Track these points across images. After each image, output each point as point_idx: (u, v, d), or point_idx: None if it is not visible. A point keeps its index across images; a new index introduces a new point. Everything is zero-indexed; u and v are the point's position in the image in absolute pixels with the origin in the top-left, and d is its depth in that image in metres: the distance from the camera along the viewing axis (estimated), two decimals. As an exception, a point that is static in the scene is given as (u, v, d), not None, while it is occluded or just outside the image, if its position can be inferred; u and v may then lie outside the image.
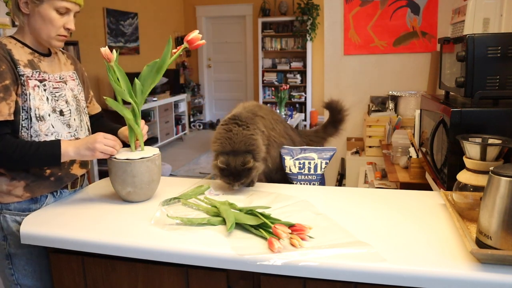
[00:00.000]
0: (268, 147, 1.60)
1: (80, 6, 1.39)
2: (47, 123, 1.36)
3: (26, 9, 1.33)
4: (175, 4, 8.03)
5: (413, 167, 2.17)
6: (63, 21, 1.35)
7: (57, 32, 1.36)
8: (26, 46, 1.38)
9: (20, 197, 1.35)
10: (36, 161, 1.32)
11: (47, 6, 1.32)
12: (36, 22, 1.34)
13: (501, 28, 2.03)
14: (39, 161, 1.32)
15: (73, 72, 1.52)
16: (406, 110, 3.28)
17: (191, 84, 8.23)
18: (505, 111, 1.36)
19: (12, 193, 1.34)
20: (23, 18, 1.35)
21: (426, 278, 0.95)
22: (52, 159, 1.32)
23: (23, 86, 1.31)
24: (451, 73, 1.64)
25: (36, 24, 1.34)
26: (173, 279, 1.16)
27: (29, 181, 1.36)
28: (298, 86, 7.77)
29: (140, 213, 1.32)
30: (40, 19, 1.33)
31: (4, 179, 1.34)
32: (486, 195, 0.99)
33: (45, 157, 1.31)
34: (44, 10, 1.32)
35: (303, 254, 1.03)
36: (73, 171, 1.47)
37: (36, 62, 1.37)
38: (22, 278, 1.38)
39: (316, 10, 7.15)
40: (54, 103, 1.39)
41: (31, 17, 1.34)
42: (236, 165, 1.46)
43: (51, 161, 1.34)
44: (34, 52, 1.39)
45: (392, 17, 3.55)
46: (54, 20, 1.33)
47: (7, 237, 1.35)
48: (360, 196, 1.46)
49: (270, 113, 1.70)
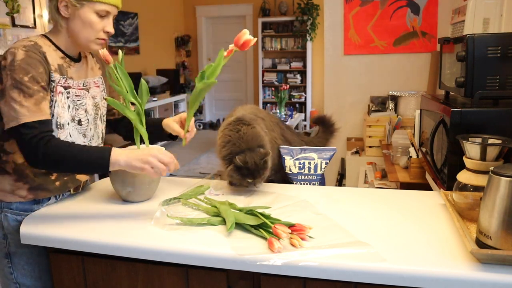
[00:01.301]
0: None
1: (118, 8, 1.38)
2: (66, 131, 1.35)
3: (66, 12, 1.31)
4: (175, 4, 8.02)
5: (413, 167, 2.17)
6: (103, 24, 1.34)
7: (97, 36, 1.34)
8: (59, 49, 1.36)
9: (23, 198, 1.35)
10: (85, 165, 1.26)
11: (88, 9, 1.31)
12: (75, 25, 1.32)
13: (501, 28, 2.03)
14: (88, 166, 1.26)
15: (99, 78, 1.50)
16: (406, 110, 3.28)
17: (191, 84, 8.23)
18: (505, 111, 1.36)
19: (16, 193, 1.34)
20: (62, 21, 1.33)
21: (426, 278, 0.95)
22: (100, 166, 1.25)
23: (52, 92, 1.31)
24: (451, 73, 1.64)
25: (75, 28, 1.33)
26: (173, 279, 1.16)
27: (34, 183, 1.35)
28: (298, 86, 7.77)
29: (140, 213, 1.32)
30: (80, 23, 1.32)
31: (9, 179, 1.34)
32: (486, 195, 0.99)
33: (95, 162, 1.25)
34: (84, 13, 1.31)
35: (303, 254, 1.03)
36: (78, 176, 1.47)
37: (65, 67, 1.36)
38: (21, 277, 1.38)
39: (316, 10, 7.15)
40: (74, 112, 1.38)
41: (70, 20, 1.32)
42: (256, 160, 1.45)
43: (99, 168, 1.26)
44: (66, 57, 1.37)
45: (392, 17, 3.55)
46: (94, 24, 1.32)
47: (7, 235, 1.35)
48: (360, 196, 1.46)
49: (268, 116, 1.72)
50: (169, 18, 7.76)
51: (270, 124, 1.66)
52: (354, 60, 3.70)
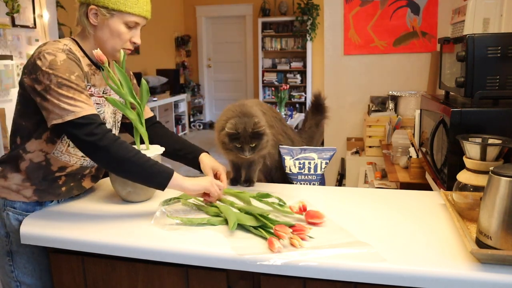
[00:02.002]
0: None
1: (147, 19, 1.38)
2: None
3: (95, 20, 1.31)
4: (175, 4, 8.03)
5: (413, 167, 2.17)
6: (130, 35, 1.34)
7: (123, 46, 1.34)
8: (86, 56, 1.35)
9: (28, 198, 1.35)
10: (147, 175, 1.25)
11: (117, 19, 1.30)
12: (103, 34, 1.32)
13: (501, 28, 2.03)
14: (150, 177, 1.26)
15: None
16: (406, 110, 3.28)
17: (191, 84, 8.23)
18: (505, 111, 1.36)
19: (21, 193, 1.34)
20: (90, 28, 1.33)
21: (426, 278, 0.95)
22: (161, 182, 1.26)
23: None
24: (451, 73, 1.64)
25: (103, 36, 1.32)
26: (173, 279, 1.16)
27: (41, 186, 1.35)
28: (298, 86, 7.78)
29: (140, 213, 1.32)
30: (108, 32, 1.31)
31: (17, 177, 1.34)
32: (486, 195, 0.99)
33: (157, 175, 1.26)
34: (113, 23, 1.30)
35: (303, 254, 1.03)
36: (84, 183, 1.47)
37: (90, 75, 1.35)
38: (22, 276, 1.38)
39: (316, 10, 7.15)
40: None
41: (98, 29, 1.32)
42: (246, 127, 1.43)
43: (158, 183, 1.27)
44: (91, 65, 1.36)
45: (392, 17, 3.55)
46: (122, 34, 1.32)
47: (9, 234, 1.36)
48: (360, 196, 1.46)
49: (270, 110, 1.71)
50: (169, 18, 7.76)
51: (271, 120, 1.65)
52: (354, 60, 3.70)
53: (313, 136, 1.89)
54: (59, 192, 1.40)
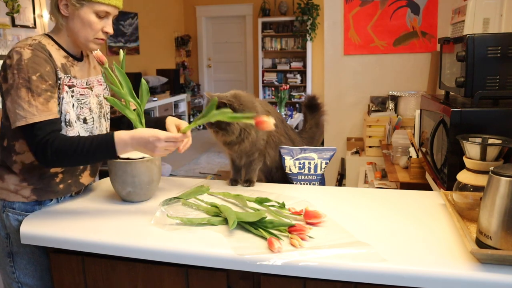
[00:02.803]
0: (266, 144, 1.60)
1: (119, 9, 1.38)
2: (75, 129, 1.35)
3: (66, 11, 1.32)
4: (175, 4, 8.02)
5: (413, 167, 2.17)
6: (102, 25, 1.34)
7: (95, 36, 1.34)
8: (61, 48, 1.36)
9: (26, 198, 1.35)
10: (92, 155, 1.25)
11: (87, 9, 1.31)
12: (75, 24, 1.32)
13: (501, 28, 2.03)
14: (96, 154, 1.25)
15: (101, 76, 1.51)
16: (406, 110, 3.28)
17: (191, 84, 8.23)
18: (505, 111, 1.36)
19: (19, 193, 1.34)
20: (62, 20, 1.33)
21: (426, 278, 0.95)
22: (107, 150, 1.24)
23: (59, 89, 1.31)
24: (451, 73, 1.64)
25: (75, 27, 1.33)
26: (173, 279, 1.16)
27: (38, 185, 1.35)
28: (298, 86, 7.77)
29: (140, 213, 1.32)
30: (79, 22, 1.32)
31: (14, 178, 1.34)
32: (486, 195, 0.99)
33: (101, 149, 1.24)
34: (84, 13, 1.31)
35: (303, 254, 1.03)
36: (83, 179, 1.47)
37: (68, 66, 1.36)
38: (23, 277, 1.38)
39: (316, 10, 7.15)
40: (79, 111, 1.38)
41: (70, 19, 1.33)
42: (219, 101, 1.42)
43: (107, 153, 1.25)
44: (68, 56, 1.37)
45: (392, 17, 3.55)
46: (93, 24, 1.32)
47: (9, 235, 1.36)
48: (360, 196, 1.46)
49: (274, 111, 1.71)
50: (169, 18, 7.76)
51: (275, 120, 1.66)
52: (354, 60, 3.70)
53: (313, 136, 1.89)
54: (57, 189, 1.39)
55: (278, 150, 1.66)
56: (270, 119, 1.19)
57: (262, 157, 1.61)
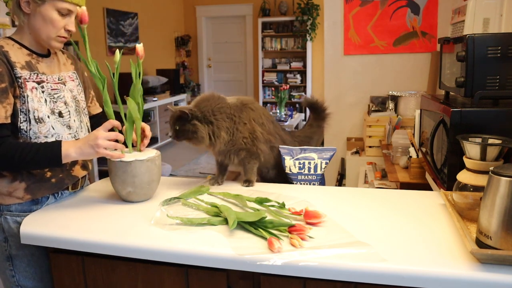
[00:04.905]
0: (254, 141, 1.58)
1: (80, 7, 1.38)
2: (47, 125, 1.35)
3: (27, 9, 1.32)
4: (175, 4, 8.02)
5: (413, 167, 2.17)
6: (64, 22, 1.35)
7: (57, 33, 1.35)
8: (24, 47, 1.36)
9: (21, 198, 1.35)
10: (36, 163, 1.29)
11: (49, 6, 1.31)
12: (36, 22, 1.33)
13: (501, 28, 2.03)
14: (40, 163, 1.30)
15: (73, 72, 1.51)
16: (406, 110, 3.28)
17: (191, 84, 8.23)
18: (505, 111, 1.36)
19: (13, 195, 1.34)
20: (24, 17, 1.34)
21: (426, 278, 0.95)
22: (53, 161, 1.29)
23: (21, 88, 1.30)
24: (451, 73, 1.64)
25: (36, 24, 1.33)
26: (173, 279, 1.16)
27: (30, 182, 1.35)
28: (298, 86, 7.77)
29: (140, 213, 1.32)
30: (41, 19, 1.32)
31: (5, 181, 1.33)
32: (486, 195, 0.99)
33: (45, 159, 1.28)
34: (45, 10, 1.31)
35: (303, 254, 1.03)
36: (74, 172, 1.47)
37: (34, 63, 1.36)
38: (23, 280, 1.37)
39: (316, 10, 7.15)
40: (53, 105, 1.38)
41: (31, 16, 1.33)
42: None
43: (52, 163, 1.30)
44: (32, 53, 1.37)
45: (392, 17, 3.55)
46: (55, 21, 1.32)
47: (8, 238, 1.35)
48: (360, 196, 1.46)
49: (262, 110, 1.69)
50: (169, 18, 7.76)
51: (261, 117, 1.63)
52: (354, 60, 3.70)
53: (311, 136, 1.89)
54: (50, 184, 1.39)
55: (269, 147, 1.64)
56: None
57: (255, 155, 1.59)
